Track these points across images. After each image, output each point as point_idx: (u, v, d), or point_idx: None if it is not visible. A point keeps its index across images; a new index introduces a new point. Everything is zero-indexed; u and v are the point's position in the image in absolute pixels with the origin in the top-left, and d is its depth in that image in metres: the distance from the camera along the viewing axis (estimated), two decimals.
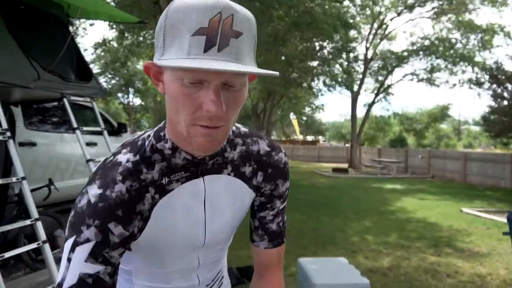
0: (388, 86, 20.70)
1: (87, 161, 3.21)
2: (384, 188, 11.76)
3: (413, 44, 18.99)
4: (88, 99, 3.63)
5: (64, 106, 3.27)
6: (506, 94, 13.99)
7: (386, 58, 19.71)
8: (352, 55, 17.84)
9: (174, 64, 0.58)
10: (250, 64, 0.64)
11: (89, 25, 17.34)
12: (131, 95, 30.71)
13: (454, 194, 10.34)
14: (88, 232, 0.67)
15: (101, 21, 5.24)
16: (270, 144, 0.87)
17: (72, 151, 4.53)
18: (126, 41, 13.00)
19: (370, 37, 19.14)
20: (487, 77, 15.39)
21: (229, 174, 0.81)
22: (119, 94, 29.28)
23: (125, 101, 31.12)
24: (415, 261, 4.47)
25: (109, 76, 26.41)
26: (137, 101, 32.80)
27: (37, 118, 4.47)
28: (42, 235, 2.67)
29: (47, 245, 2.67)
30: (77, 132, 3.24)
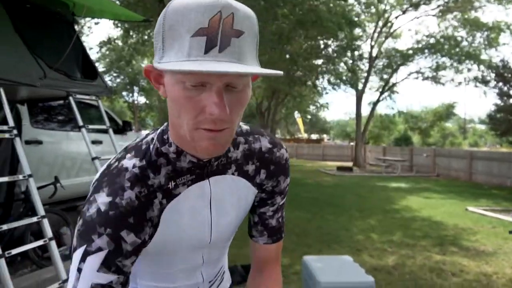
0: (393, 85, 20.61)
1: (93, 159, 3.23)
2: (389, 186, 11.71)
3: (418, 42, 18.91)
4: (93, 98, 3.65)
5: (69, 105, 3.28)
6: None
7: (391, 56, 19.64)
8: (357, 53, 17.85)
9: (174, 68, 0.56)
10: (253, 63, 0.62)
11: (94, 23, 17.46)
12: (135, 94, 30.78)
13: (460, 193, 10.28)
14: (99, 241, 0.65)
15: (106, 20, 5.26)
16: (272, 140, 0.86)
17: (78, 149, 4.56)
18: (131, 39, 13.06)
19: (375, 35, 19.04)
20: (493, 75, 15.32)
21: (233, 173, 0.81)
22: (124, 93, 29.36)
23: (130, 100, 31.20)
24: (420, 259, 4.45)
25: (114, 74, 26.52)
26: (142, 100, 32.90)
27: (43, 116, 4.50)
28: (49, 232, 2.70)
29: (53, 242, 2.69)
30: (83, 130, 3.25)
